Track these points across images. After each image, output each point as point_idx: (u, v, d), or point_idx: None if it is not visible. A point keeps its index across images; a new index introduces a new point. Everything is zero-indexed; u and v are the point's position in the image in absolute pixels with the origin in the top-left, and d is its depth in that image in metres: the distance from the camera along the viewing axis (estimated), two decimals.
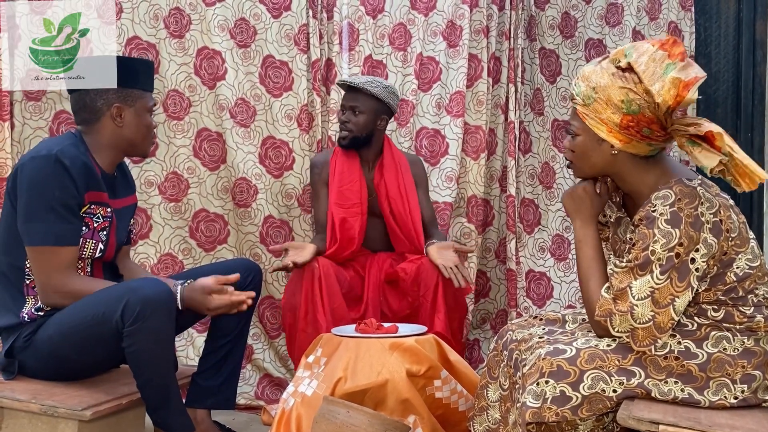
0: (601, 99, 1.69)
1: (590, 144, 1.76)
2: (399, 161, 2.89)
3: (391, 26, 3.20)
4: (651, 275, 1.65)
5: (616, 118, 1.68)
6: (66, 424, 1.90)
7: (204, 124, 3.03)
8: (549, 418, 1.65)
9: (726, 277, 1.70)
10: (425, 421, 2.12)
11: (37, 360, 2.03)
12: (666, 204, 1.66)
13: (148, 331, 1.89)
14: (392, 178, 2.85)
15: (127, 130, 2.13)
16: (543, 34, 3.36)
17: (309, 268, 2.62)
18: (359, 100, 2.77)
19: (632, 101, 1.66)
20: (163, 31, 2.98)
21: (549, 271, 3.33)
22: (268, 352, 3.09)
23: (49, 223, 1.96)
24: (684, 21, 3.39)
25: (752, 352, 1.69)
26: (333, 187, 2.80)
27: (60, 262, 1.99)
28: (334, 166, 2.83)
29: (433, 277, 2.62)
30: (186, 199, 3.03)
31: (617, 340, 1.71)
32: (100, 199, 2.07)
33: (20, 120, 2.83)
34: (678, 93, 1.60)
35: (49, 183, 1.96)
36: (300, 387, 2.18)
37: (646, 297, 1.65)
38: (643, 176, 1.76)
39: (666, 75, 1.61)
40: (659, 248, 1.64)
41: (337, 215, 2.76)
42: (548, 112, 3.38)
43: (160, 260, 3.00)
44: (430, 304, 2.61)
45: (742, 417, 1.63)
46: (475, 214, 3.22)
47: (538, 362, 1.70)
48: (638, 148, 1.72)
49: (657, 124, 1.67)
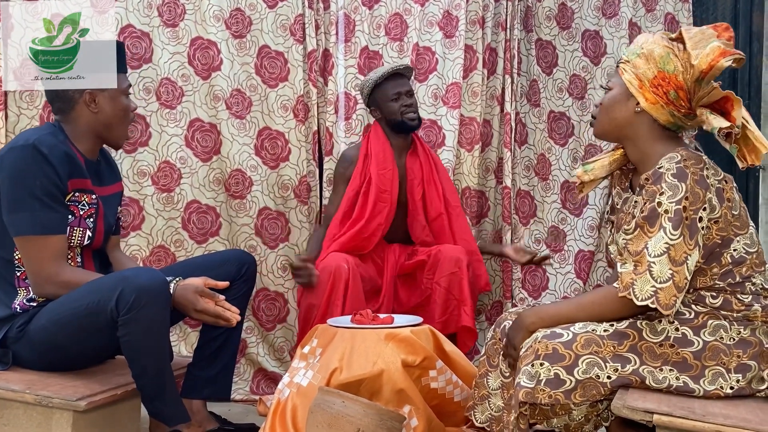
0: (644, 54, 1.79)
1: (619, 98, 1.84)
2: (429, 151, 2.96)
3: (387, 16, 3.19)
4: (663, 231, 1.66)
5: (650, 74, 1.77)
6: (61, 415, 1.90)
7: (197, 114, 3.02)
8: (542, 399, 1.66)
9: (722, 258, 1.72)
10: (420, 411, 2.12)
11: (31, 350, 2.02)
12: (672, 162, 1.70)
13: (143, 320, 1.89)
14: (427, 165, 2.89)
15: (102, 115, 2.11)
16: (540, 25, 3.35)
17: (337, 268, 2.56)
18: (408, 84, 2.89)
19: (671, 60, 1.75)
20: (156, 19, 2.97)
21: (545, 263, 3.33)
22: (261, 346, 3.07)
23: (35, 212, 1.96)
24: (681, 12, 3.38)
25: (748, 342, 1.70)
26: (372, 170, 2.80)
27: (50, 251, 1.98)
28: (366, 154, 2.84)
29: (452, 266, 2.63)
30: (178, 189, 3.01)
31: (614, 325, 1.71)
32: (84, 186, 2.06)
33: (15, 111, 2.81)
34: (714, 58, 1.67)
35: (30, 172, 1.95)
36: (295, 377, 2.18)
37: (662, 253, 1.66)
38: (655, 144, 1.81)
39: (709, 45, 1.70)
40: (665, 200, 1.67)
41: (379, 190, 2.77)
42: (544, 103, 3.37)
43: (152, 252, 2.98)
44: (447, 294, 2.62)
45: (735, 407, 1.64)
46: (469, 206, 3.22)
47: (534, 344, 1.71)
48: (660, 113, 1.78)
49: (684, 91, 1.74)
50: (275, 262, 3.07)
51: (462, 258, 2.67)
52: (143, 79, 2.97)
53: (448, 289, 2.63)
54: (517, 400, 1.68)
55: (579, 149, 3.40)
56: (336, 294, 2.54)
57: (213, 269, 2.30)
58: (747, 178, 3.43)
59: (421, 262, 2.74)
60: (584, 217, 3.37)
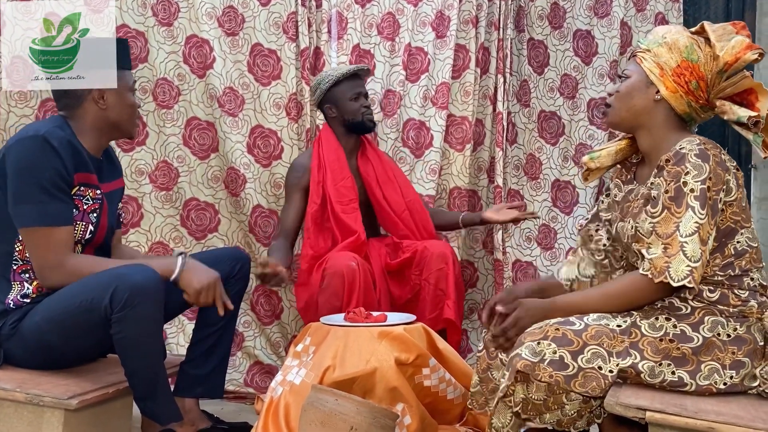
0: (666, 43, 1.81)
1: (638, 85, 1.85)
2: (375, 148, 2.95)
3: (380, 15, 3.19)
4: (692, 211, 1.67)
5: (673, 62, 1.79)
6: (52, 413, 1.89)
7: (193, 112, 3.02)
8: (542, 377, 1.65)
9: (726, 249, 1.74)
10: (414, 409, 2.12)
11: (24, 348, 2.01)
12: (693, 144, 1.72)
13: (136, 318, 1.88)
14: (378, 164, 2.87)
15: (111, 112, 2.11)
16: (532, 24, 3.36)
17: (348, 268, 2.51)
18: (365, 86, 2.86)
19: (695, 51, 1.78)
20: (151, 18, 2.96)
21: (536, 261, 3.35)
22: (259, 340, 3.09)
23: (43, 203, 1.94)
24: (671, 12, 3.40)
25: (743, 339, 1.71)
26: (328, 184, 2.76)
27: (57, 242, 1.97)
28: (320, 164, 2.78)
29: (440, 261, 2.62)
30: (176, 187, 3.03)
31: (627, 320, 1.72)
32: (89, 181, 2.06)
33: (5, 107, 2.79)
34: (740, 51, 1.71)
35: (39, 163, 1.94)
36: (288, 375, 2.18)
37: (693, 233, 1.67)
38: (669, 133, 1.83)
39: (733, 38, 1.74)
40: (691, 179, 1.68)
41: (341, 213, 2.73)
42: (535, 103, 3.38)
43: (151, 248, 3.01)
44: (436, 290, 2.61)
45: (728, 403, 1.65)
46: (458, 206, 3.22)
47: (545, 327, 1.71)
48: (678, 102, 1.81)
49: (705, 82, 1.77)
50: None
51: (448, 254, 2.67)
52: (139, 79, 2.97)
53: (436, 285, 2.63)
54: (514, 369, 1.67)
55: (570, 148, 3.41)
56: (352, 295, 2.51)
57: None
58: None
59: (407, 260, 2.72)
60: (575, 215, 3.39)
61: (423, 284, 2.65)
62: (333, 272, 2.53)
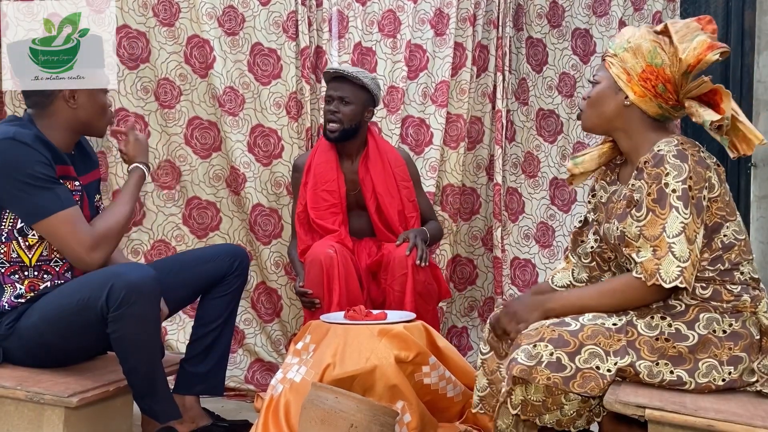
0: (631, 48, 1.80)
1: (607, 92, 1.85)
2: (386, 154, 2.81)
3: (380, 13, 3.19)
4: (676, 211, 1.67)
5: (639, 68, 1.78)
6: (52, 411, 1.89)
7: (195, 112, 3.03)
8: (540, 380, 1.65)
9: (713, 243, 1.74)
10: (413, 407, 2.12)
11: (22, 347, 2.01)
12: (671, 144, 1.72)
13: (133, 316, 1.88)
14: (379, 173, 2.77)
15: (81, 111, 2.09)
16: (530, 23, 3.36)
17: (326, 257, 2.52)
18: (347, 90, 2.71)
19: (658, 54, 1.77)
20: (152, 19, 2.96)
21: (534, 258, 3.35)
22: (260, 337, 3.10)
23: (49, 190, 1.94)
24: (666, 11, 3.41)
25: (739, 334, 1.71)
26: (308, 189, 2.74)
27: (79, 219, 1.97)
28: (308, 167, 2.77)
29: (401, 267, 2.57)
30: (179, 186, 3.04)
31: (622, 318, 1.73)
32: (68, 173, 2.06)
33: (11, 108, 2.81)
34: (701, 52, 1.69)
35: (20, 161, 1.93)
36: (288, 373, 2.18)
37: (680, 233, 1.67)
38: (647, 133, 1.83)
39: (695, 38, 1.72)
40: (672, 180, 1.69)
41: (316, 219, 2.72)
42: (533, 101, 3.39)
43: (153, 246, 3.03)
44: (400, 296, 2.57)
45: (727, 401, 1.65)
46: (451, 203, 3.22)
47: (541, 328, 1.71)
48: (649, 105, 1.80)
49: (672, 84, 1.76)
50: (268, 258, 3.07)
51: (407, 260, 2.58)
52: (140, 79, 2.98)
53: (400, 291, 2.57)
54: (511, 374, 1.67)
55: (568, 146, 3.42)
56: (332, 282, 2.52)
57: (205, 264, 2.31)
58: (738, 175, 3.46)
59: (377, 262, 2.69)
60: (573, 213, 3.40)
61: (388, 289, 2.60)
62: (311, 260, 2.55)
